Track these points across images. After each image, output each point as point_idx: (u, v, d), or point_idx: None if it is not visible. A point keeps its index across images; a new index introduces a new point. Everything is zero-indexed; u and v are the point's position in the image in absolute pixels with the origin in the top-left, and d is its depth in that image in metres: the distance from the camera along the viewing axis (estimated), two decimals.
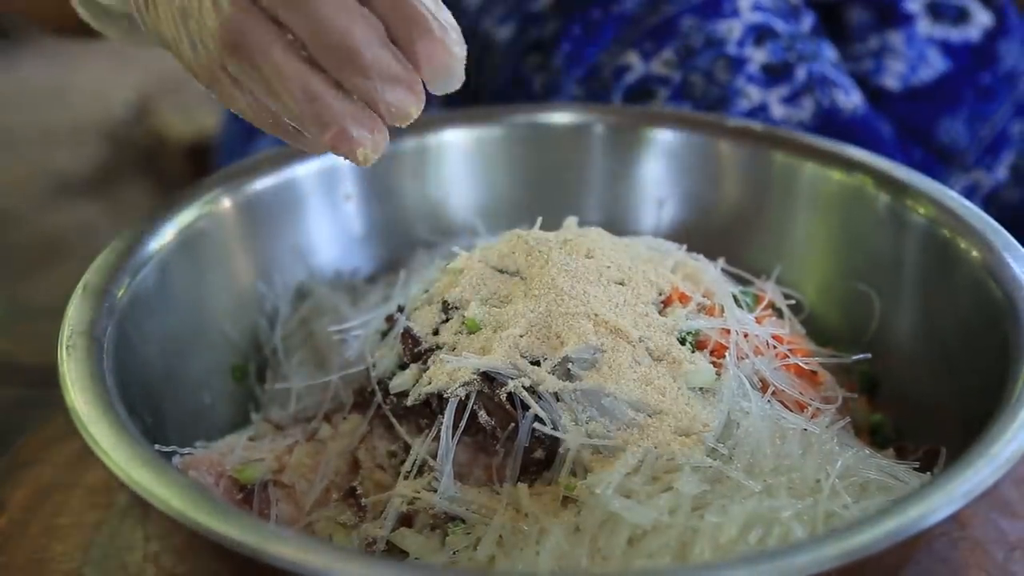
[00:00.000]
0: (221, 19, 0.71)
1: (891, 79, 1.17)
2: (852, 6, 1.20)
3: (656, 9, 1.14)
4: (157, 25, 0.78)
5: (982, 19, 1.18)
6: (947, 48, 1.18)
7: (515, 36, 1.17)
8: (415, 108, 0.72)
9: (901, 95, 1.18)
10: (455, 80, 0.72)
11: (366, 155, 0.73)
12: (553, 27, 1.16)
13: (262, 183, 0.99)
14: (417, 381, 0.81)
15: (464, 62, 0.72)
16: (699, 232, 1.03)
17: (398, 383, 0.82)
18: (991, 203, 1.20)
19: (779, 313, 0.90)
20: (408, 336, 0.83)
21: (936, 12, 1.18)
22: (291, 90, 0.71)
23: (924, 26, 1.17)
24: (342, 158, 0.74)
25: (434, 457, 0.78)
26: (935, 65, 1.17)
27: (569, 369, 0.78)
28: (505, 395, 0.77)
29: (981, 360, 0.82)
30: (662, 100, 1.13)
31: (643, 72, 1.13)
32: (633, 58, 1.13)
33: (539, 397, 0.77)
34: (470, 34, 1.19)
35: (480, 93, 1.21)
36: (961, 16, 1.18)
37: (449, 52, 0.71)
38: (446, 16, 0.72)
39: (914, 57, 1.17)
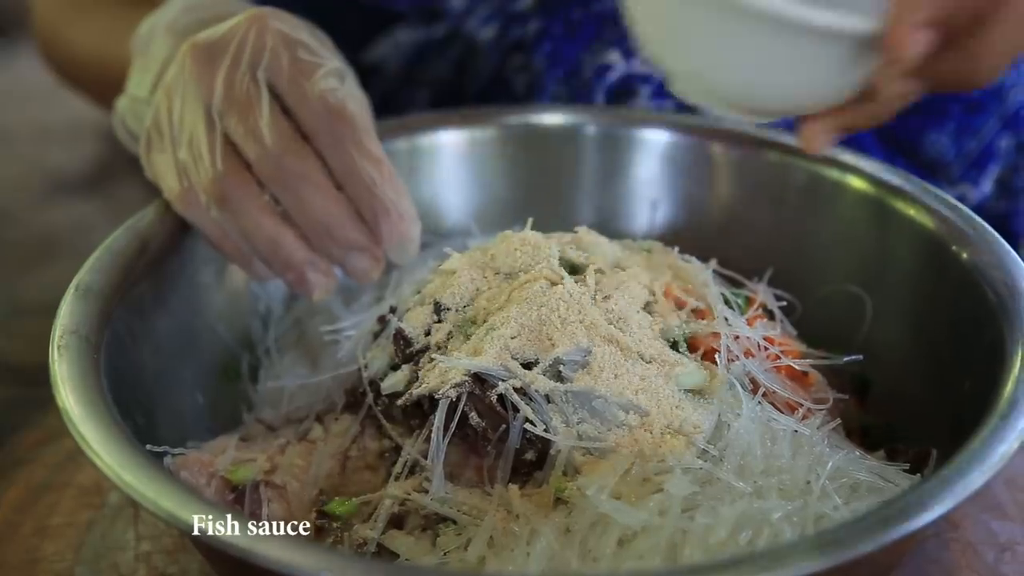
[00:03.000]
0: (215, 174, 0.84)
1: None
2: None
3: None
4: (153, 159, 0.89)
5: None
6: None
7: (497, 36, 1.17)
8: (375, 272, 0.89)
9: None
10: (409, 253, 0.89)
11: (319, 294, 0.89)
12: (535, 27, 1.16)
13: None
14: (409, 382, 0.81)
15: (418, 239, 0.89)
16: (691, 234, 1.03)
17: (390, 384, 0.82)
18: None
19: (770, 315, 0.90)
20: (400, 337, 0.84)
21: None
22: (263, 239, 0.86)
23: None
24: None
25: (425, 458, 0.78)
26: None
27: (560, 371, 0.78)
28: (496, 396, 0.77)
29: (972, 362, 0.82)
30: (644, 99, 1.13)
31: (625, 70, 1.13)
32: (615, 57, 1.13)
33: (530, 399, 0.77)
34: (454, 36, 1.19)
35: (463, 94, 1.21)
36: None
37: (404, 232, 0.87)
38: (406, 203, 0.87)
39: None
